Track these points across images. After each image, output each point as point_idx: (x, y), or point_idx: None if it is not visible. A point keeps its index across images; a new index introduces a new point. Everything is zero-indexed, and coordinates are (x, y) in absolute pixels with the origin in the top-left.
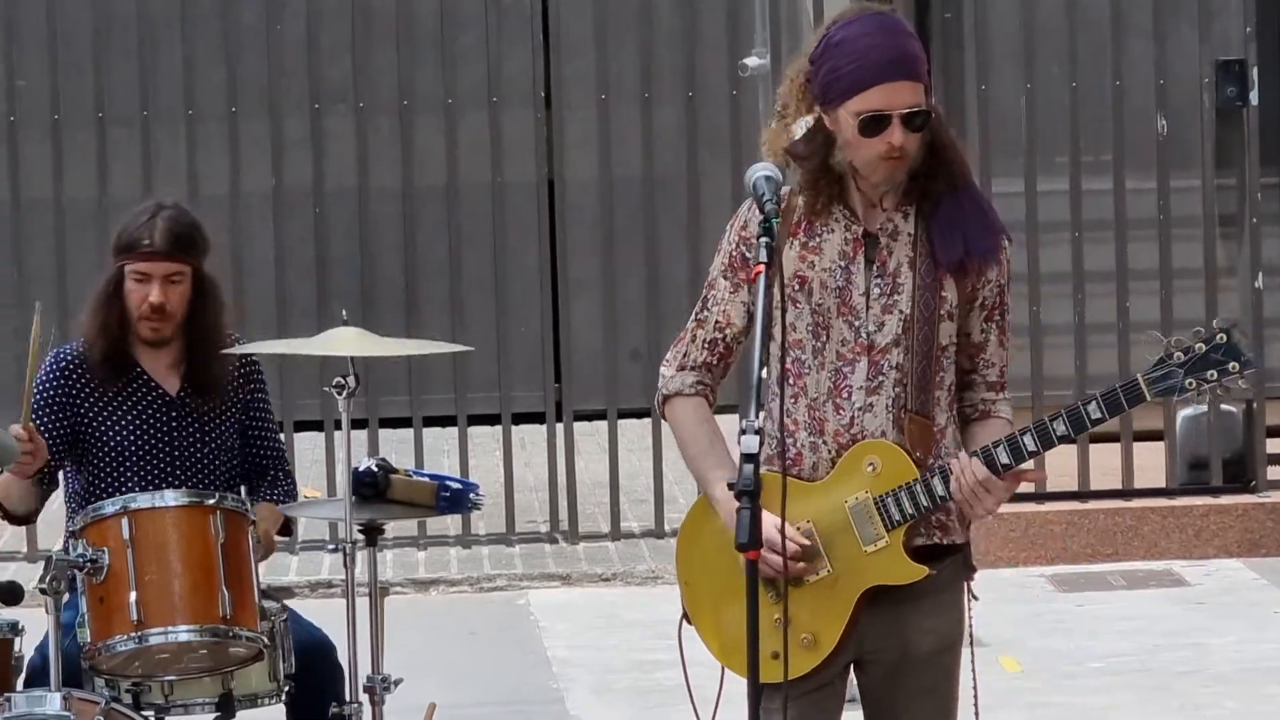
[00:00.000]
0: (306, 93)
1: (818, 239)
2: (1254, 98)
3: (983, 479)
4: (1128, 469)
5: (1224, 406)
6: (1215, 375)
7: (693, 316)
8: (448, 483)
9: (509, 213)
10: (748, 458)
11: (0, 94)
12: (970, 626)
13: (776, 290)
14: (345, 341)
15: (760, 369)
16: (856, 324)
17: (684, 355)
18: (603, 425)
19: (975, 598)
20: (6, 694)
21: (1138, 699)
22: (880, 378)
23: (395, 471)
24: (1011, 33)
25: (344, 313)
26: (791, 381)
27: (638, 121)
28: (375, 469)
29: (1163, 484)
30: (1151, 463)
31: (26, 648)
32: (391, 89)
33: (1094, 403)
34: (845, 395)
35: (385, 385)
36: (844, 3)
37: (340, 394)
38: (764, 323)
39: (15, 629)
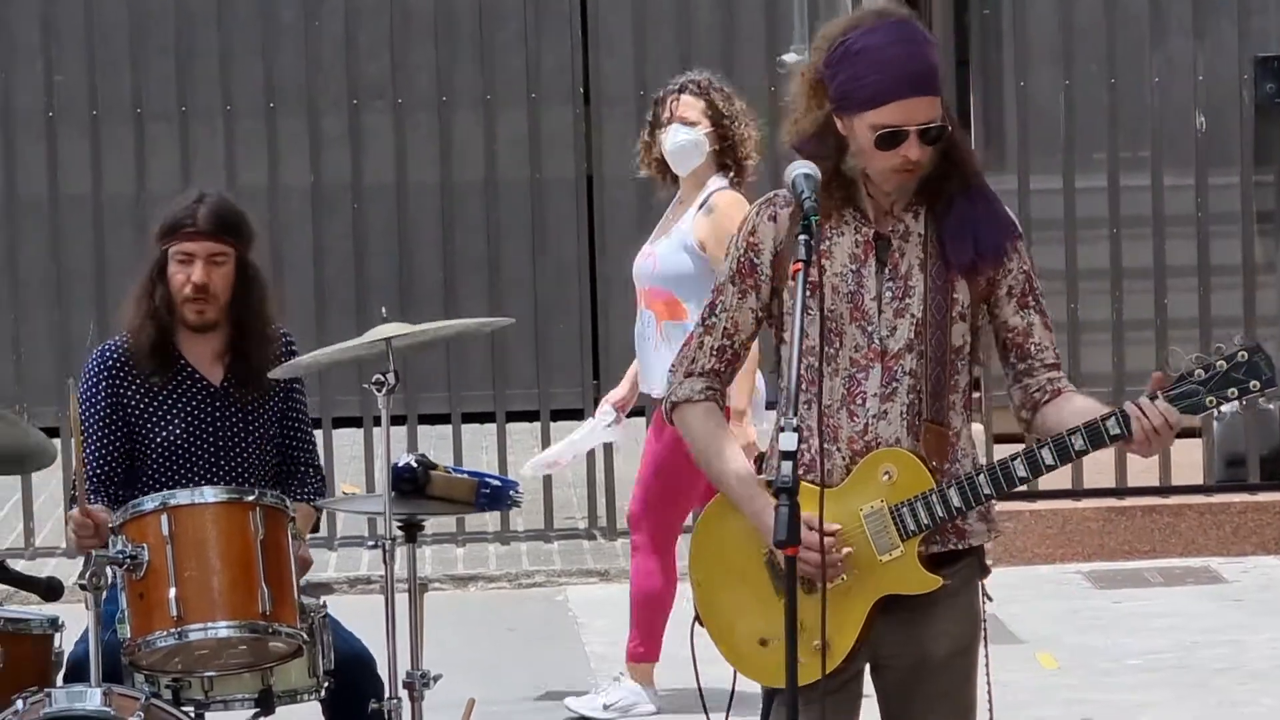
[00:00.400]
0: (345, 89)
1: (828, 242)
2: None
3: (1174, 421)
4: (1165, 466)
5: (1261, 404)
6: (1236, 394)
7: (700, 322)
8: (487, 480)
9: (547, 208)
10: (786, 454)
11: (39, 90)
12: (985, 628)
13: (812, 290)
14: (386, 339)
15: (797, 368)
16: (869, 329)
17: (691, 361)
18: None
19: (989, 598)
20: (47, 689)
21: (1175, 696)
22: (894, 384)
23: (435, 468)
24: (1050, 30)
25: (383, 310)
26: (805, 388)
27: None
28: (415, 465)
29: (1200, 481)
30: (1189, 460)
31: (66, 643)
32: (430, 85)
33: (1113, 419)
34: (859, 402)
35: (424, 382)
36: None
37: (380, 390)
38: (799, 322)
39: (55, 625)
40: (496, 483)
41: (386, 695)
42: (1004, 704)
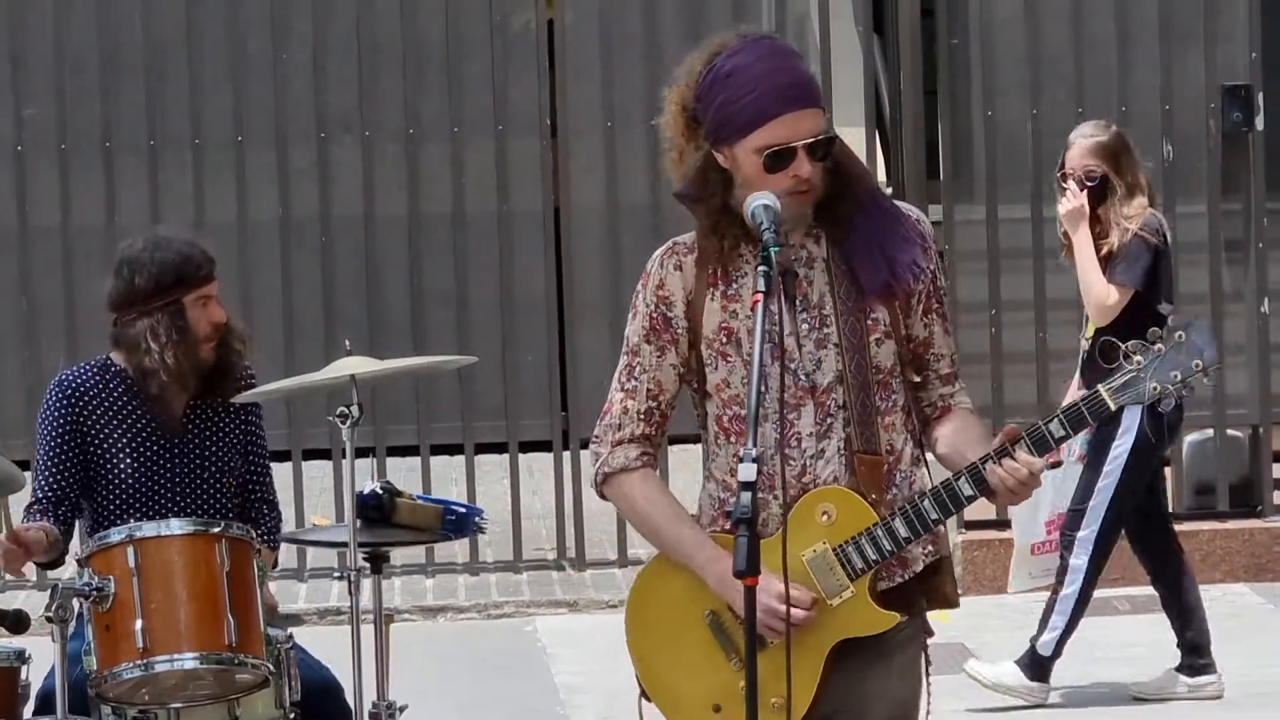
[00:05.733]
0: (313, 121)
1: (735, 286)
2: (1260, 123)
3: (1038, 471)
4: None
5: (1230, 432)
6: (1179, 376)
7: (619, 387)
8: (453, 507)
9: (515, 240)
10: (745, 485)
11: (8, 122)
12: (929, 695)
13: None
14: (349, 372)
15: (757, 398)
16: (793, 366)
17: (618, 429)
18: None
19: (929, 662)
20: None
21: None
22: (829, 419)
23: (400, 495)
24: (1018, 59)
25: (348, 343)
26: (734, 439)
27: (644, 148)
28: (380, 492)
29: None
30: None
31: (33, 676)
32: (398, 117)
33: (1056, 420)
34: (795, 444)
35: (392, 414)
36: (850, 29)
37: (344, 423)
38: (760, 353)
39: (21, 657)
40: (462, 509)
41: None
42: None
